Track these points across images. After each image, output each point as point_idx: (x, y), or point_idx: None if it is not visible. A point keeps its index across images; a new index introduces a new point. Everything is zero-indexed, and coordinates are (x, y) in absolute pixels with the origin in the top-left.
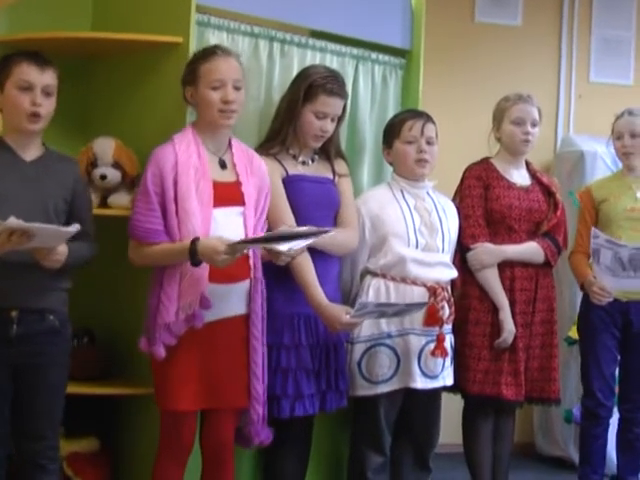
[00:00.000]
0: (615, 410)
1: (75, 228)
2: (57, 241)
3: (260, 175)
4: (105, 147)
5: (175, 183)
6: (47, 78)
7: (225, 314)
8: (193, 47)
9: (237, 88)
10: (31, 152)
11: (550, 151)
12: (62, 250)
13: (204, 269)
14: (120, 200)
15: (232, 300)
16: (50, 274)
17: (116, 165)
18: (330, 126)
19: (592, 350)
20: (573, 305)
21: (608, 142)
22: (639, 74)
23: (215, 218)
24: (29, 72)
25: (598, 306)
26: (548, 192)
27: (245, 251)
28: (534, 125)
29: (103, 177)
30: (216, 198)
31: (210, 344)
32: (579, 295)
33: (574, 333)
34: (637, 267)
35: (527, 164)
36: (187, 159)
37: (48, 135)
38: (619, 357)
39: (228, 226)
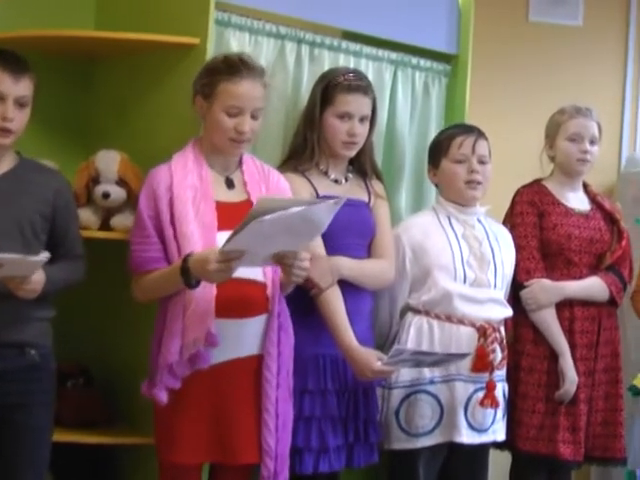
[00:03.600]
0: None
1: (44, 257)
2: (28, 270)
3: (279, 192)
4: (109, 161)
5: (171, 205)
6: (22, 88)
7: (236, 354)
8: (211, 49)
9: (255, 117)
10: (1, 165)
11: (613, 172)
12: (37, 279)
13: (210, 300)
14: (124, 222)
15: (245, 338)
16: (28, 303)
17: (121, 182)
18: (359, 128)
19: None
20: (639, 349)
21: None
22: None
23: (220, 242)
24: (2, 81)
25: None
26: (611, 219)
27: (245, 262)
28: (593, 142)
29: (106, 195)
30: (221, 220)
31: (218, 389)
32: None
33: None
34: None
35: (585, 186)
36: (183, 179)
37: (43, 147)
38: None
39: None
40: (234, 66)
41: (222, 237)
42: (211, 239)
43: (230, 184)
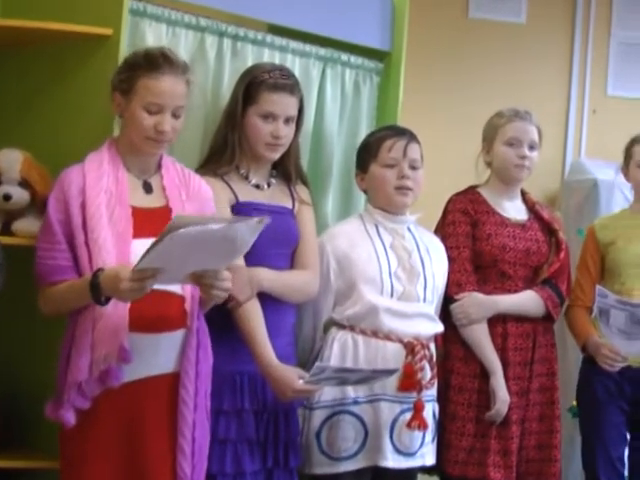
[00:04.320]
0: None
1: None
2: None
3: (200, 200)
4: (11, 161)
5: (83, 209)
6: None
7: (150, 372)
8: (125, 41)
9: (177, 116)
10: None
11: (556, 179)
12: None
13: (124, 313)
14: (27, 226)
15: (160, 355)
16: None
17: (24, 183)
18: (284, 130)
19: (596, 429)
20: None
21: (618, 169)
22: None
23: (135, 251)
24: None
25: (603, 373)
26: (549, 229)
27: (161, 280)
28: (532, 147)
29: (7, 197)
30: (137, 227)
31: (130, 409)
32: None
33: None
34: None
35: (523, 194)
36: (97, 181)
37: None
38: (628, 436)
39: None
40: (155, 61)
41: (137, 245)
42: (125, 247)
43: (148, 188)
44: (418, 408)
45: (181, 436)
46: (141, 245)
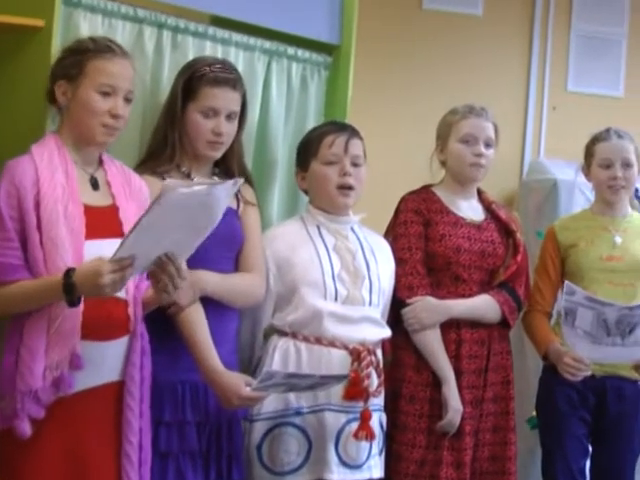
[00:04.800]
0: None
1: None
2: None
3: (141, 199)
4: None
5: (37, 205)
6: None
7: (96, 382)
8: (59, 33)
9: (128, 100)
10: None
11: (514, 178)
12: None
13: (77, 317)
14: None
15: (105, 363)
16: None
17: None
18: (226, 127)
19: (557, 440)
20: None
21: (578, 169)
22: (632, 82)
23: (88, 253)
24: None
25: (565, 383)
26: (506, 231)
27: (137, 268)
28: (488, 145)
29: None
30: (89, 227)
31: (74, 421)
32: None
33: None
34: (625, 332)
35: (479, 194)
36: (51, 175)
37: None
38: (590, 448)
39: None
40: (104, 43)
41: (90, 247)
42: (80, 248)
43: (95, 184)
44: (365, 417)
45: (127, 443)
46: (94, 247)
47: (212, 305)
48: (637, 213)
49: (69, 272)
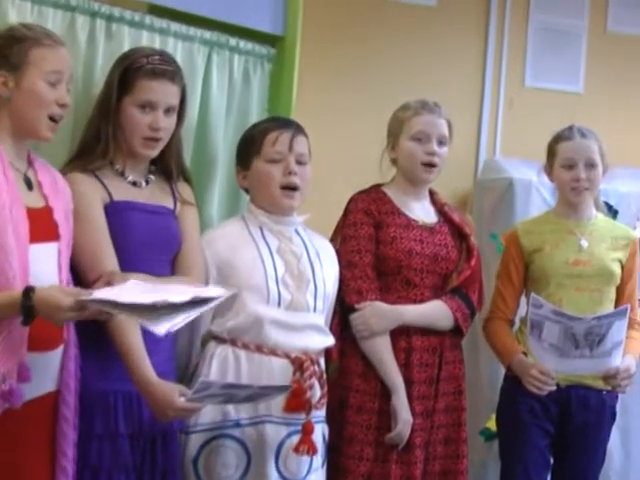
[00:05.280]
0: None
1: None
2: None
3: (65, 200)
4: None
5: None
6: None
7: (36, 393)
8: None
9: (69, 91)
10: None
11: (468, 178)
12: None
13: (25, 328)
14: None
15: (48, 374)
16: None
17: None
18: (164, 121)
19: (518, 452)
20: (494, 387)
21: (540, 170)
22: (592, 78)
23: (32, 258)
24: None
25: (528, 394)
26: (459, 234)
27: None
28: (442, 143)
29: None
30: (30, 230)
31: (15, 435)
32: (502, 373)
33: (494, 425)
34: (594, 343)
35: (432, 194)
36: None
37: None
38: (552, 461)
39: (45, 270)
40: (40, 32)
41: (33, 252)
42: (24, 254)
43: (29, 184)
44: (307, 430)
45: (62, 456)
46: (37, 251)
47: None
48: (602, 215)
49: (29, 293)
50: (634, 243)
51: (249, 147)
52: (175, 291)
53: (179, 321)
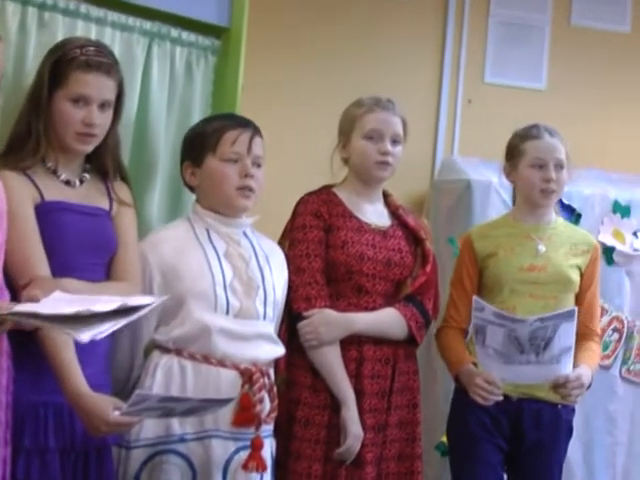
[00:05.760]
0: None
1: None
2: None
3: None
4: None
5: None
6: None
7: None
8: None
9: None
10: None
11: (424, 179)
12: None
13: None
14: None
15: None
16: None
17: None
18: (99, 117)
19: (469, 469)
20: (450, 399)
21: (502, 171)
22: (555, 74)
23: None
24: None
25: (478, 407)
26: (414, 238)
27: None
28: (395, 142)
29: None
30: None
31: None
32: None
33: None
34: (539, 348)
35: (385, 196)
36: None
37: None
38: (505, 477)
39: None
40: None
41: None
42: None
43: None
44: (256, 446)
45: None
46: None
47: None
48: (562, 220)
49: None
50: (595, 249)
51: (203, 143)
52: (101, 301)
53: (105, 329)
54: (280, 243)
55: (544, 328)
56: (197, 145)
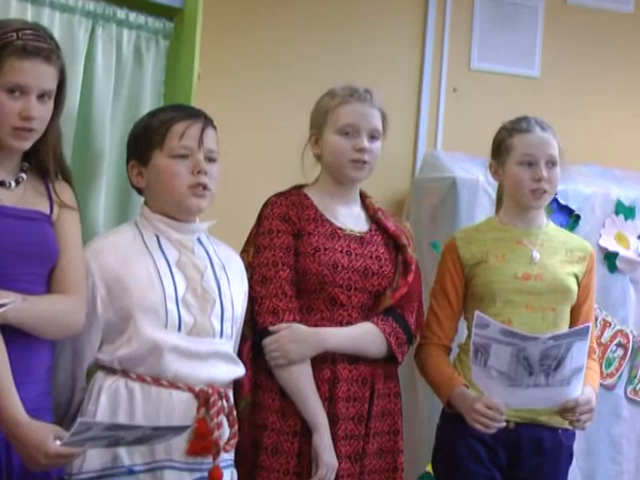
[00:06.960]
0: None
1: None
2: None
3: None
4: None
5: None
6: None
7: None
8: None
9: None
10: None
11: (405, 177)
12: None
13: None
14: None
15: None
16: None
17: None
18: (38, 109)
19: None
20: (435, 424)
21: (488, 169)
22: (549, 59)
23: None
24: None
25: (471, 435)
26: (395, 245)
27: None
28: (374, 137)
29: None
30: None
31: None
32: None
33: None
34: (550, 369)
35: (363, 198)
36: None
37: None
38: None
39: None
40: None
41: None
42: None
43: None
44: (214, 477)
45: None
46: None
47: (15, 336)
48: (553, 223)
49: None
50: (591, 256)
51: (148, 139)
52: None
53: None
54: (245, 251)
55: (557, 347)
56: (142, 141)
